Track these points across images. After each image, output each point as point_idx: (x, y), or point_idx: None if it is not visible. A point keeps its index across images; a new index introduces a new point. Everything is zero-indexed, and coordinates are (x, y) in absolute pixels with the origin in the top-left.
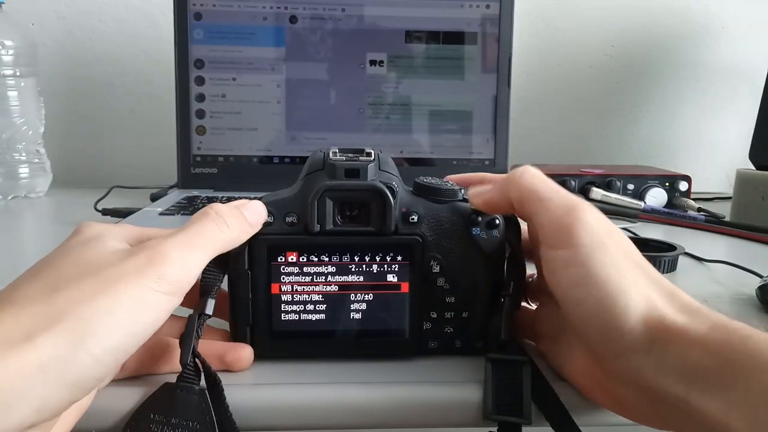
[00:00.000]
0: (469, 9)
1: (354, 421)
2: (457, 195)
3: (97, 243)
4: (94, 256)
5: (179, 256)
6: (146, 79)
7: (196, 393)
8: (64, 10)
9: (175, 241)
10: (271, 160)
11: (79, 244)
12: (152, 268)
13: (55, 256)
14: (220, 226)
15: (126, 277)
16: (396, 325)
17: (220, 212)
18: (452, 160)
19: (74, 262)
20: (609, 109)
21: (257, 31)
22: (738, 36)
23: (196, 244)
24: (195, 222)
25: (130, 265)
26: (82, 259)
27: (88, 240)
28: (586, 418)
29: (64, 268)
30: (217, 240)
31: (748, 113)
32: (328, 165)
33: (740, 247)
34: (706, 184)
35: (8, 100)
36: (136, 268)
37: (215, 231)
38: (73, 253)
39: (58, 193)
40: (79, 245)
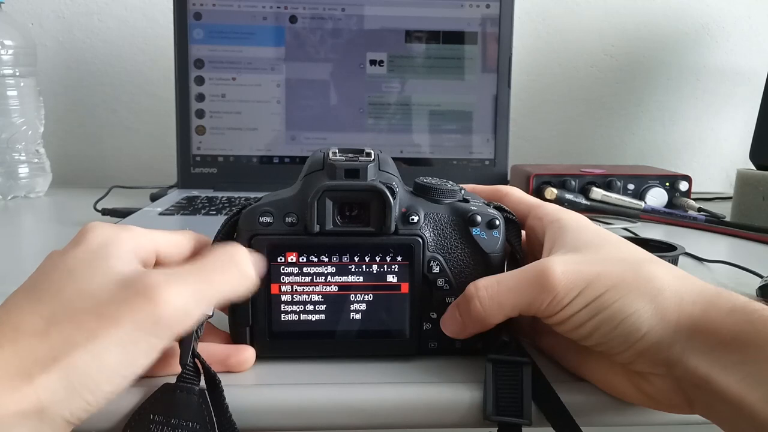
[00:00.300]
0: (469, 9)
1: (354, 421)
2: (457, 195)
3: (102, 264)
4: (95, 285)
5: (181, 304)
6: (146, 78)
7: (196, 393)
8: (64, 10)
9: (184, 289)
10: (271, 160)
11: (85, 262)
12: (149, 313)
13: (60, 274)
14: (235, 272)
15: (121, 319)
16: (396, 325)
17: (237, 258)
18: (452, 160)
19: (77, 289)
20: (609, 109)
21: (257, 31)
22: (738, 36)
23: (207, 296)
24: (215, 269)
25: (128, 306)
26: (85, 287)
27: (93, 255)
28: (587, 418)
29: (66, 295)
30: (234, 294)
31: (748, 113)
32: (328, 165)
33: (740, 247)
34: (707, 184)
35: (8, 100)
36: (132, 312)
37: (230, 277)
38: (77, 276)
39: (58, 193)
40: (85, 264)
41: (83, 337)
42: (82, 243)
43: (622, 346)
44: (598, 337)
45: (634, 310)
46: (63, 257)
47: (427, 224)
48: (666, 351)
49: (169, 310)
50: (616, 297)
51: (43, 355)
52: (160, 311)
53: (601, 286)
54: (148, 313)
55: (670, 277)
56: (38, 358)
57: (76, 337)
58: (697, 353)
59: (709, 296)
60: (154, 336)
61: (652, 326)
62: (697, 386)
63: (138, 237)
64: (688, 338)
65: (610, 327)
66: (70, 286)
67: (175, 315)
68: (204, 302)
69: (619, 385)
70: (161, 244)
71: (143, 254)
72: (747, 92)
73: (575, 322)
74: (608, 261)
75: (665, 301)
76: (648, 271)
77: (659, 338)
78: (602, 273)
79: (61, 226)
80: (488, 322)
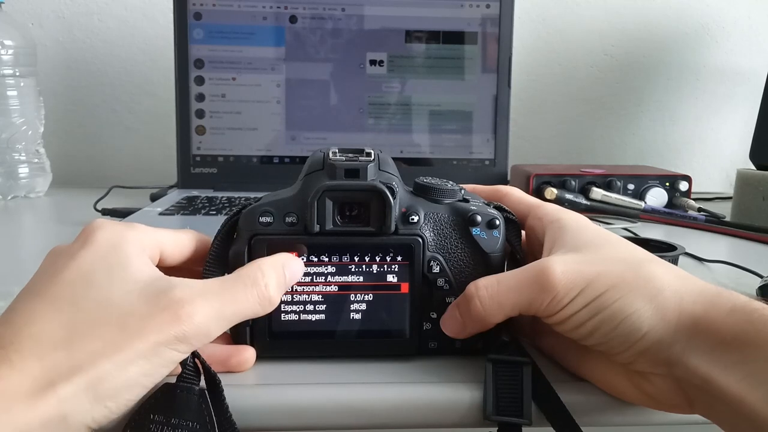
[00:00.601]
0: (469, 9)
1: (354, 421)
2: (457, 195)
3: (119, 271)
4: (117, 294)
5: (205, 324)
6: (146, 78)
7: (196, 393)
8: (64, 10)
9: (208, 308)
10: (271, 160)
11: (101, 267)
12: (174, 330)
13: (76, 279)
14: (262, 302)
15: (147, 333)
16: (396, 325)
17: (271, 284)
18: (452, 160)
19: (97, 297)
20: (609, 109)
21: (257, 31)
22: (738, 36)
23: (226, 315)
24: (237, 287)
25: (154, 320)
26: (105, 295)
27: (107, 258)
28: (587, 418)
29: (87, 304)
30: (251, 313)
31: (748, 113)
32: (328, 165)
33: (740, 247)
34: (707, 184)
35: (8, 100)
36: (159, 327)
37: (254, 306)
38: (95, 283)
39: (58, 193)
40: (101, 270)
41: (108, 349)
42: (92, 243)
43: (623, 345)
44: (599, 337)
45: (634, 310)
46: (74, 259)
47: (427, 224)
48: (666, 351)
49: (193, 328)
50: (616, 297)
51: (66, 365)
52: (184, 328)
53: (601, 285)
54: (173, 329)
55: (670, 276)
56: (61, 368)
57: (99, 349)
58: (697, 353)
59: (709, 296)
60: (176, 350)
61: (653, 326)
62: (697, 386)
63: (144, 235)
64: (688, 338)
65: (611, 327)
66: (90, 294)
67: (198, 332)
68: (225, 321)
69: (620, 385)
70: (165, 242)
71: (150, 252)
72: (747, 92)
73: (575, 321)
74: (608, 261)
75: (665, 300)
76: (648, 270)
77: (659, 338)
78: (602, 272)
79: (61, 226)
80: (488, 321)
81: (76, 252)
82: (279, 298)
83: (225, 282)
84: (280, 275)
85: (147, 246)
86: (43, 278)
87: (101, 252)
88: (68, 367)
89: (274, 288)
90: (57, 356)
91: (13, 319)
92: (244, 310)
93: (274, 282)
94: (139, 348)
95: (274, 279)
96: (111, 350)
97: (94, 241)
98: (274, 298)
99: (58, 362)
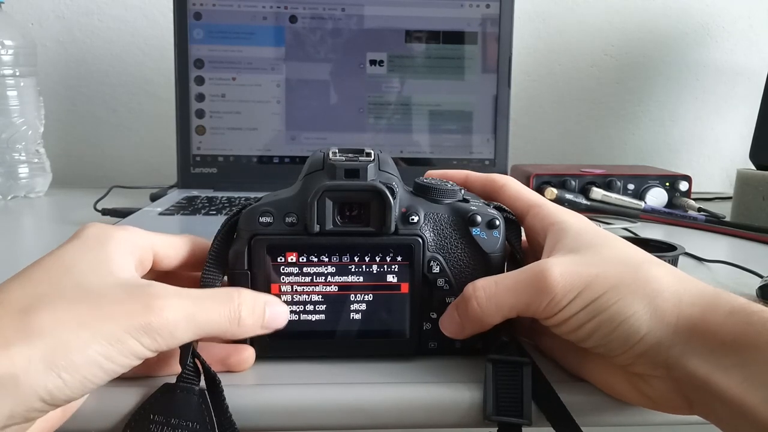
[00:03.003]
0: (469, 9)
1: (354, 421)
2: (457, 195)
3: (102, 266)
4: (95, 283)
5: (173, 321)
6: (146, 78)
7: (196, 393)
8: (64, 10)
9: (180, 307)
10: (270, 160)
11: (83, 259)
12: (142, 319)
13: (52, 262)
14: (231, 320)
15: (115, 317)
16: (396, 325)
17: (244, 305)
18: (452, 160)
19: (74, 282)
20: (609, 109)
21: (257, 31)
22: (738, 36)
23: (195, 321)
24: (213, 299)
25: (125, 307)
26: (83, 281)
27: (91, 252)
28: (587, 418)
29: (62, 285)
30: (219, 329)
31: (748, 113)
32: (328, 165)
33: (740, 247)
34: (707, 184)
35: (8, 100)
36: (128, 313)
37: (224, 322)
38: (75, 272)
39: (58, 193)
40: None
41: (72, 321)
42: (78, 238)
43: (622, 348)
44: (597, 339)
45: (632, 312)
46: (58, 250)
47: (427, 224)
48: (665, 353)
49: (161, 321)
50: (614, 299)
51: (26, 328)
52: (153, 319)
53: (599, 287)
54: (142, 318)
55: (669, 278)
56: (19, 330)
57: (64, 319)
58: (696, 355)
59: (708, 298)
60: (139, 341)
61: (651, 328)
62: (696, 388)
63: (135, 237)
64: (687, 340)
65: (609, 329)
66: (67, 279)
67: (165, 327)
68: (194, 326)
69: (619, 387)
70: (158, 245)
71: (140, 254)
72: (747, 92)
73: (574, 323)
74: (607, 262)
75: (664, 302)
76: (647, 272)
77: (658, 340)
78: (601, 274)
79: (61, 226)
80: (486, 322)
81: (61, 246)
82: (251, 325)
83: (202, 292)
84: (257, 305)
85: (138, 248)
86: (26, 268)
87: (85, 247)
88: (27, 331)
89: (247, 312)
90: (17, 319)
91: None
92: (214, 322)
93: (249, 307)
94: (105, 329)
95: (249, 304)
96: (75, 323)
97: (81, 236)
98: (244, 321)
99: (18, 325)
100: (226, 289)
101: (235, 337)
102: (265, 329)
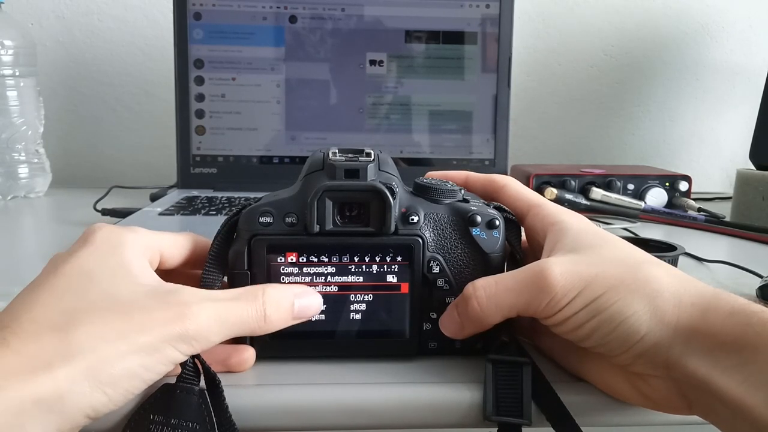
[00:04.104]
0: (469, 9)
1: (354, 421)
2: (456, 195)
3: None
4: (123, 291)
5: (207, 326)
6: (146, 78)
7: (196, 394)
8: (63, 10)
9: (212, 311)
10: (270, 160)
11: (103, 265)
12: (179, 327)
13: (79, 275)
14: (258, 318)
15: (152, 327)
16: (396, 325)
17: (268, 302)
18: (452, 160)
19: (101, 291)
20: (609, 109)
21: (257, 31)
22: (738, 36)
23: (227, 323)
24: (240, 299)
25: (159, 315)
26: (109, 290)
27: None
28: (587, 418)
29: (91, 296)
30: (248, 328)
31: (748, 113)
32: (328, 165)
33: (740, 247)
34: (706, 184)
35: (8, 100)
36: (164, 322)
37: (251, 320)
38: (98, 279)
39: (58, 193)
40: (103, 268)
41: (110, 335)
42: (91, 244)
43: (621, 347)
44: (597, 339)
45: (632, 312)
46: (74, 258)
47: (427, 224)
48: (665, 353)
49: (196, 327)
50: (614, 299)
51: (66, 348)
52: (189, 326)
53: (599, 287)
54: (178, 326)
55: (669, 278)
56: (60, 350)
57: (101, 334)
58: (696, 355)
59: (708, 298)
60: (177, 349)
61: (651, 328)
62: (696, 388)
63: (145, 238)
64: (686, 340)
65: (609, 329)
66: (94, 288)
67: (200, 332)
68: (226, 328)
69: (618, 387)
70: (164, 245)
71: (150, 255)
72: (747, 92)
73: (573, 323)
74: (607, 262)
75: (664, 303)
76: (647, 272)
77: (658, 340)
78: (601, 274)
79: (61, 226)
80: (486, 321)
81: (75, 251)
82: (278, 320)
83: (229, 293)
84: (283, 300)
85: (147, 249)
86: (44, 275)
87: (101, 252)
88: (67, 350)
89: (272, 309)
90: (56, 338)
91: (12, 308)
92: (243, 323)
93: (274, 304)
94: (142, 340)
95: (274, 301)
96: (113, 336)
97: (94, 241)
98: (270, 317)
99: (57, 344)
100: (252, 288)
101: (266, 332)
102: (299, 320)
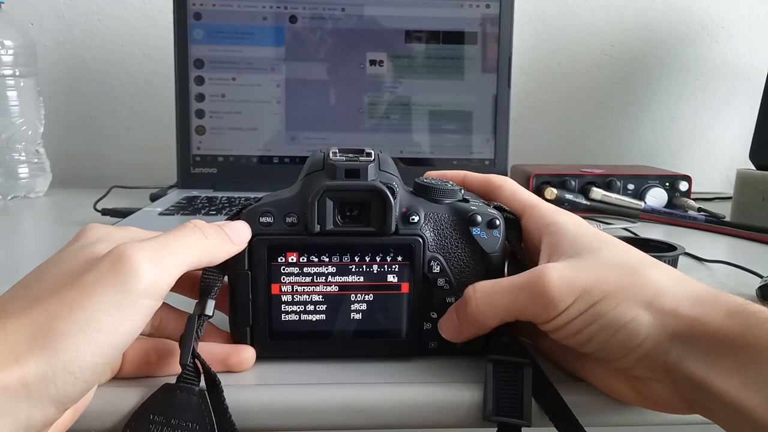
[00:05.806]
0: (469, 9)
1: (354, 421)
2: (457, 195)
3: (90, 248)
4: (77, 263)
5: (147, 259)
6: (146, 79)
7: (196, 394)
8: (63, 10)
9: (144, 245)
10: (270, 160)
11: (74, 250)
12: (126, 274)
13: (48, 264)
14: (196, 234)
15: (100, 286)
16: (396, 325)
17: (199, 224)
18: (452, 160)
19: (61, 270)
20: (609, 109)
21: (257, 31)
22: (738, 36)
23: (169, 247)
24: (172, 230)
25: (103, 272)
26: (69, 267)
27: (85, 245)
28: (587, 418)
29: (51, 278)
30: (193, 246)
31: (748, 113)
32: (328, 165)
33: (740, 247)
34: (706, 184)
35: (8, 100)
36: (109, 275)
37: (191, 237)
38: (64, 261)
39: (58, 193)
40: (73, 252)
41: (65, 308)
42: (77, 240)
43: (621, 352)
44: (596, 344)
45: (631, 317)
46: (56, 253)
47: (427, 224)
48: (664, 356)
49: (142, 267)
50: (613, 304)
51: (27, 333)
52: (134, 268)
53: (598, 292)
54: (124, 274)
55: (667, 280)
56: (22, 338)
57: (57, 310)
58: (695, 357)
59: (706, 299)
60: (134, 296)
61: (650, 332)
62: (695, 390)
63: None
64: (685, 342)
65: (608, 334)
66: (56, 270)
67: (150, 273)
68: (171, 259)
69: (619, 389)
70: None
71: None
72: (747, 92)
73: (572, 328)
74: (605, 266)
75: (663, 306)
76: (645, 275)
77: (657, 343)
78: (599, 279)
79: (61, 226)
80: (483, 324)
81: (61, 248)
82: (217, 238)
83: (164, 232)
84: (213, 226)
85: None
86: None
87: (82, 245)
88: (28, 334)
89: (208, 230)
90: (18, 325)
91: None
92: (189, 244)
93: (207, 227)
94: (96, 302)
95: (205, 225)
96: (68, 309)
97: (80, 237)
98: (209, 232)
99: (19, 331)
100: (187, 223)
101: (216, 258)
102: (237, 245)
